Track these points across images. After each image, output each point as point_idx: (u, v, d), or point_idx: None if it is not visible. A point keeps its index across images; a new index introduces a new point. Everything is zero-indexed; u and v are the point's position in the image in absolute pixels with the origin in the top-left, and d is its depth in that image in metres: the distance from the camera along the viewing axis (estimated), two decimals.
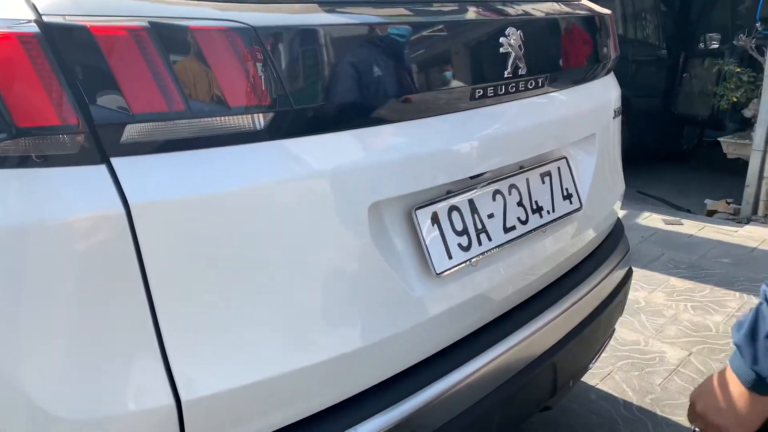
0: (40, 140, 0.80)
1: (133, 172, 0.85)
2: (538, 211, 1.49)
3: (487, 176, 1.36)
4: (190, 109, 0.89)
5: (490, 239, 1.35)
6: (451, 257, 1.26)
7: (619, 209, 1.94)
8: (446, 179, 1.25)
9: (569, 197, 1.59)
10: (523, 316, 1.46)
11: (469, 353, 1.30)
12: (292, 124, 1.01)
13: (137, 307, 0.85)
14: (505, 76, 1.34)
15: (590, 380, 2.51)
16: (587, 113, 1.70)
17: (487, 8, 1.40)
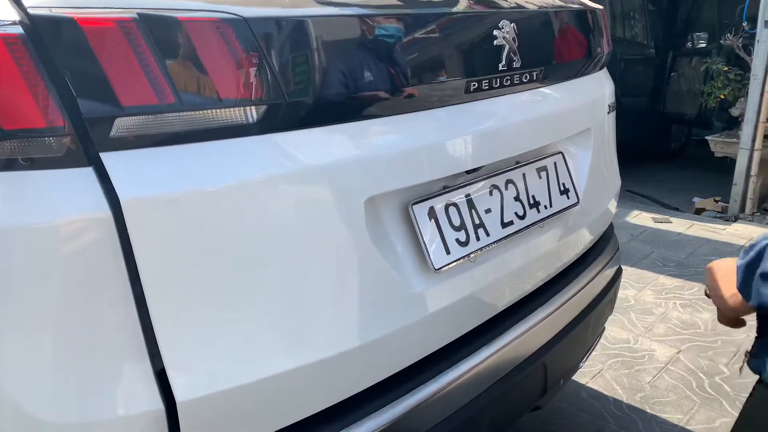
0: (25, 143, 0.78)
1: (123, 167, 0.83)
2: (535, 206, 1.48)
3: (483, 171, 1.35)
4: (181, 101, 0.87)
5: (488, 234, 1.34)
6: (449, 252, 1.24)
7: (614, 207, 1.94)
8: (442, 173, 1.24)
9: (566, 192, 1.59)
10: (513, 315, 1.45)
11: (461, 353, 1.29)
12: (285, 117, 0.99)
13: (125, 310, 0.83)
14: (499, 69, 1.33)
15: (581, 379, 2.52)
16: (582, 108, 1.70)
17: (480, 1, 1.39)
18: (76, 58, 0.81)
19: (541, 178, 1.52)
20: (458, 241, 1.27)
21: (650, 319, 3.04)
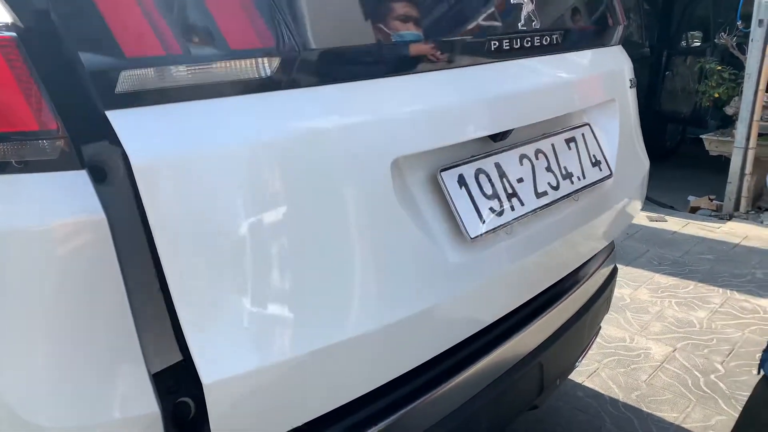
0: (19, 146, 0.77)
1: (130, 125, 0.79)
2: (568, 177, 1.43)
3: (510, 140, 1.31)
4: (188, 52, 0.83)
5: (522, 204, 1.29)
6: (483, 221, 1.19)
7: (645, 189, 1.86)
8: (467, 135, 1.19)
9: (598, 164, 1.54)
10: (512, 317, 1.44)
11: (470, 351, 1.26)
12: (301, 71, 0.94)
13: (120, 313, 0.83)
14: (520, 28, 1.31)
15: (577, 378, 2.52)
16: (604, 77, 1.68)
17: None
18: (76, 7, 0.78)
19: (570, 149, 1.47)
20: (492, 210, 1.22)
21: (646, 317, 3.05)
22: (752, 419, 1.12)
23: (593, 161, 1.54)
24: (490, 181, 1.25)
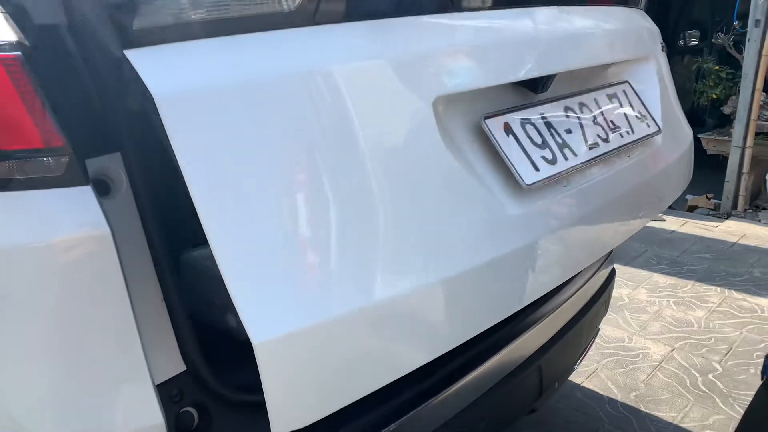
0: (24, 163, 0.78)
1: (152, 63, 0.76)
2: (616, 129, 1.39)
3: (551, 93, 1.28)
4: None
5: (575, 154, 1.24)
6: (537, 169, 1.14)
7: (692, 161, 1.81)
8: (508, 77, 1.16)
9: (644, 119, 1.50)
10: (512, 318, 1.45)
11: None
12: (329, 7, 0.91)
13: (125, 326, 0.84)
14: None
15: (576, 379, 2.54)
16: (638, 31, 1.66)
17: None
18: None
19: (613, 103, 1.44)
20: (545, 158, 1.17)
21: (644, 317, 3.07)
22: (755, 426, 1.12)
23: (639, 116, 1.49)
24: (537, 130, 1.20)
